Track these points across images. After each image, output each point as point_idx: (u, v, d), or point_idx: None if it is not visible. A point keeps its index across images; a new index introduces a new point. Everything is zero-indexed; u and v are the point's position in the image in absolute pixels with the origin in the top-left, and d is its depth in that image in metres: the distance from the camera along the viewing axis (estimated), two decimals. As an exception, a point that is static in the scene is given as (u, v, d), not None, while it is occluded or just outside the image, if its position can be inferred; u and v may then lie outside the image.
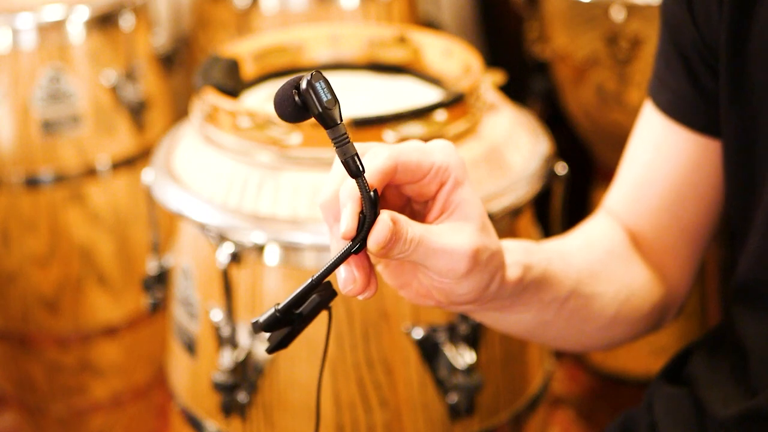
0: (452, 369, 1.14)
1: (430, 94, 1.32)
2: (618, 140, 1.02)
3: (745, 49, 0.85)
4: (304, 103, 0.68)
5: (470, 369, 1.13)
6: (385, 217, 0.69)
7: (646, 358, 1.93)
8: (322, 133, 0.79)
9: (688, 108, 0.93)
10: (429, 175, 0.72)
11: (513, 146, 1.22)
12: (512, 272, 0.79)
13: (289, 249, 1.12)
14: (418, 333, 1.14)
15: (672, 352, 1.02)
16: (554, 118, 2.05)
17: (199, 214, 1.15)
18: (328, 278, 0.72)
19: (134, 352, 1.96)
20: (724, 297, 1.91)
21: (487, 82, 1.28)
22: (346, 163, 0.68)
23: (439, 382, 1.15)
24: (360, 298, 0.71)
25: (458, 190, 0.73)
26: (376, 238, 0.68)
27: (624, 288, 0.93)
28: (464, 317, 1.13)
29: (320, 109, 0.67)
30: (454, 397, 1.15)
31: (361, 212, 0.69)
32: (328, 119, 0.67)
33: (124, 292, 1.90)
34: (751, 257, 0.88)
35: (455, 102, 1.17)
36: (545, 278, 0.84)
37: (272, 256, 1.13)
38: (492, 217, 1.13)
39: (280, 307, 0.71)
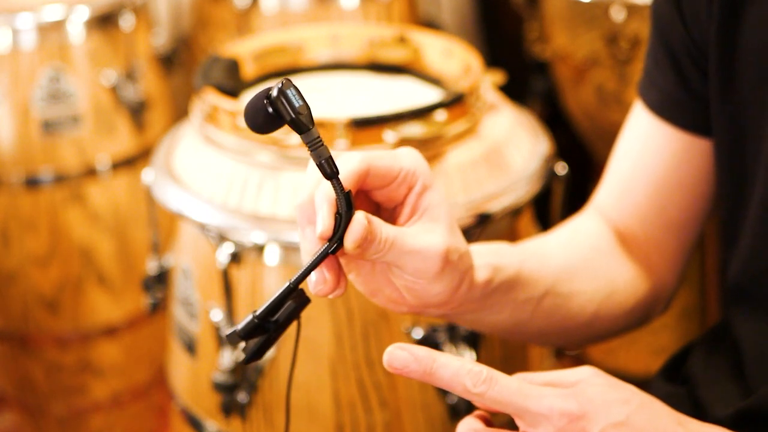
0: (452, 369, 1.14)
1: (430, 94, 1.32)
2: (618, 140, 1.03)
3: (735, 49, 0.86)
4: (276, 112, 0.69)
5: (470, 369, 1.13)
6: (359, 216, 0.71)
7: (646, 358, 1.93)
8: (322, 132, 0.79)
9: (675, 106, 0.94)
10: (398, 179, 0.75)
11: (513, 146, 1.22)
12: (481, 274, 0.81)
13: (289, 249, 1.12)
14: (418, 333, 1.14)
15: (672, 352, 1.02)
16: (554, 118, 2.05)
17: (199, 214, 1.15)
18: (301, 286, 0.73)
19: (134, 352, 1.96)
20: (722, 296, 1.91)
21: (487, 82, 1.28)
22: (320, 166, 0.69)
23: (439, 382, 1.15)
24: (330, 296, 0.73)
25: (426, 194, 0.75)
26: (352, 236, 0.70)
27: (605, 285, 0.94)
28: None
29: (293, 115, 0.68)
30: (454, 397, 1.15)
31: (337, 213, 0.71)
32: (301, 125, 0.69)
33: (124, 292, 1.90)
34: (742, 257, 0.89)
35: (455, 102, 1.17)
36: (517, 279, 0.85)
37: (272, 256, 1.13)
38: (492, 217, 1.13)
39: (257, 313, 0.72)
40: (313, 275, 0.72)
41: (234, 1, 1.98)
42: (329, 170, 0.69)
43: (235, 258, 1.13)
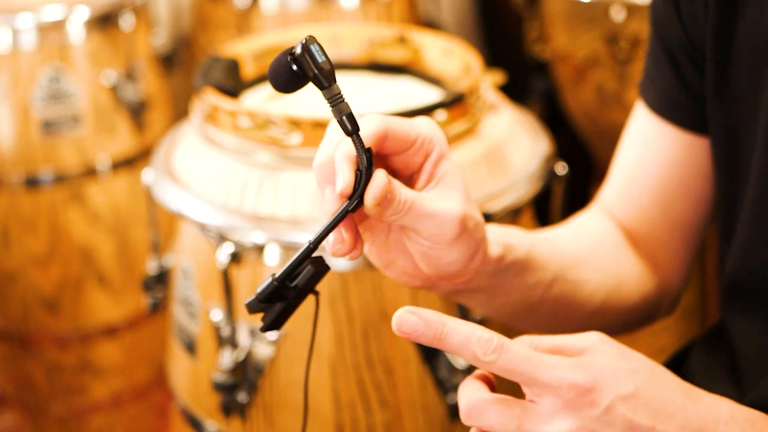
0: (452, 369, 1.14)
1: (430, 94, 1.32)
2: (618, 140, 1.04)
3: (730, 48, 0.86)
4: (300, 68, 0.69)
5: (470, 369, 1.13)
6: (380, 173, 0.71)
7: (646, 358, 1.93)
8: (322, 133, 0.79)
9: (674, 105, 0.94)
10: (415, 145, 0.75)
11: (513, 146, 1.22)
12: (493, 249, 0.81)
13: (289, 249, 1.12)
14: (418, 333, 1.14)
15: (672, 352, 1.02)
16: (554, 118, 2.05)
17: (199, 214, 1.15)
18: (321, 254, 0.72)
19: (134, 352, 1.96)
20: (719, 295, 1.91)
21: (487, 82, 1.28)
22: (341, 122, 0.70)
23: (439, 382, 1.15)
24: (347, 258, 0.73)
25: (443, 162, 0.76)
26: (373, 193, 0.70)
27: (612, 276, 0.95)
28: (464, 317, 1.13)
29: (316, 71, 0.69)
30: (454, 397, 1.15)
31: (357, 170, 0.70)
32: (323, 80, 0.69)
33: (124, 292, 1.90)
34: (737, 256, 0.89)
35: (455, 102, 1.17)
36: (528, 261, 0.86)
37: (272, 256, 1.13)
38: (492, 217, 1.13)
39: (277, 275, 0.72)
40: (331, 236, 0.72)
41: (234, 1, 1.98)
42: (350, 127, 0.69)
43: (235, 258, 1.13)
